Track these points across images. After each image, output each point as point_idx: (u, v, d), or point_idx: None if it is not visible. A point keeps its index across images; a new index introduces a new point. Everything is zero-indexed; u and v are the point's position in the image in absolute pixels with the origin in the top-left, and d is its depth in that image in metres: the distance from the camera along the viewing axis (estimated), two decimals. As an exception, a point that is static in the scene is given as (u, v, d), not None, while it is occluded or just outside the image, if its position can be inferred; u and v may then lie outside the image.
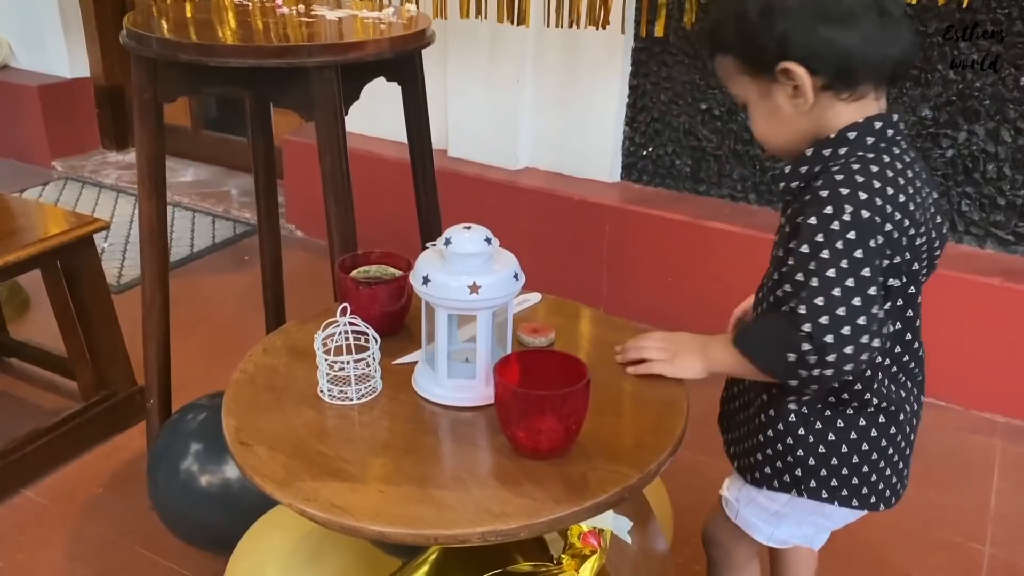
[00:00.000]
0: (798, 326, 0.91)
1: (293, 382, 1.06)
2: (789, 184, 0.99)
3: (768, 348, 0.96)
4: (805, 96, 0.95)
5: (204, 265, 2.74)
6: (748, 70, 0.99)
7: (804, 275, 0.91)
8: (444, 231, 1.01)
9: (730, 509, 1.18)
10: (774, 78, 0.96)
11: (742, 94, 1.02)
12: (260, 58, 1.27)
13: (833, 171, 0.94)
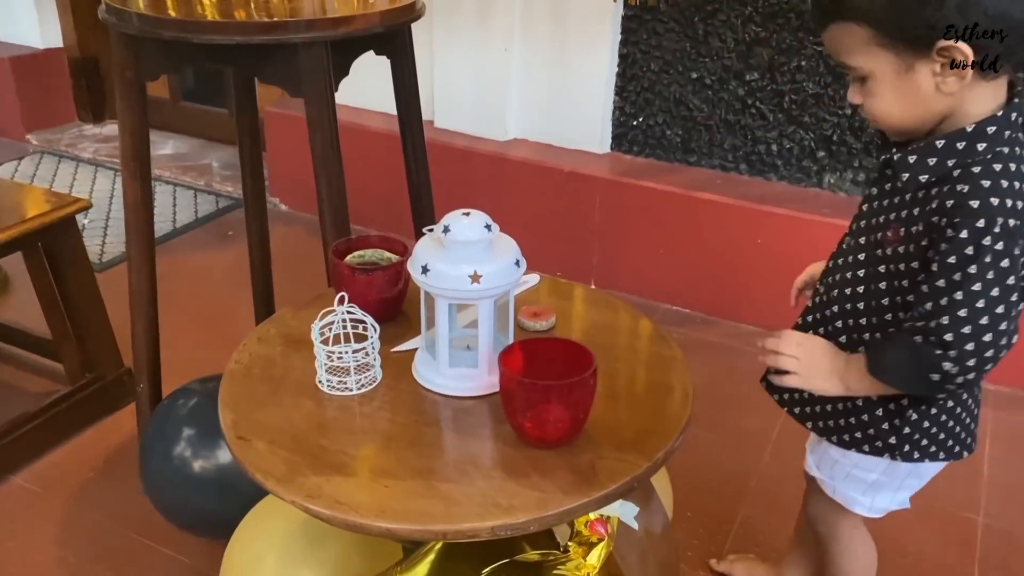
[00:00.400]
0: (939, 346, 0.90)
1: (290, 372, 1.04)
2: (918, 177, 0.93)
3: (910, 374, 0.95)
4: (962, 77, 0.88)
5: (187, 241, 2.70)
6: (889, 42, 0.91)
7: (949, 289, 0.89)
8: (438, 211, 0.98)
9: (826, 487, 1.18)
10: (925, 53, 0.89)
11: (865, 67, 0.93)
12: (247, 35, 1.22)
13: (976, 173, 0.90)
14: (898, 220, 0.97)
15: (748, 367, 2.09)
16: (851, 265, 1.05)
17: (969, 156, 0.91)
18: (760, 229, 2.19)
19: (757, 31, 2.15)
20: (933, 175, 0.92)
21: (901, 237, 0.97)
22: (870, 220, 1.03)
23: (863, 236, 1.04)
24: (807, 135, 2.20)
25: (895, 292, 0.99)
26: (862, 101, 0.96)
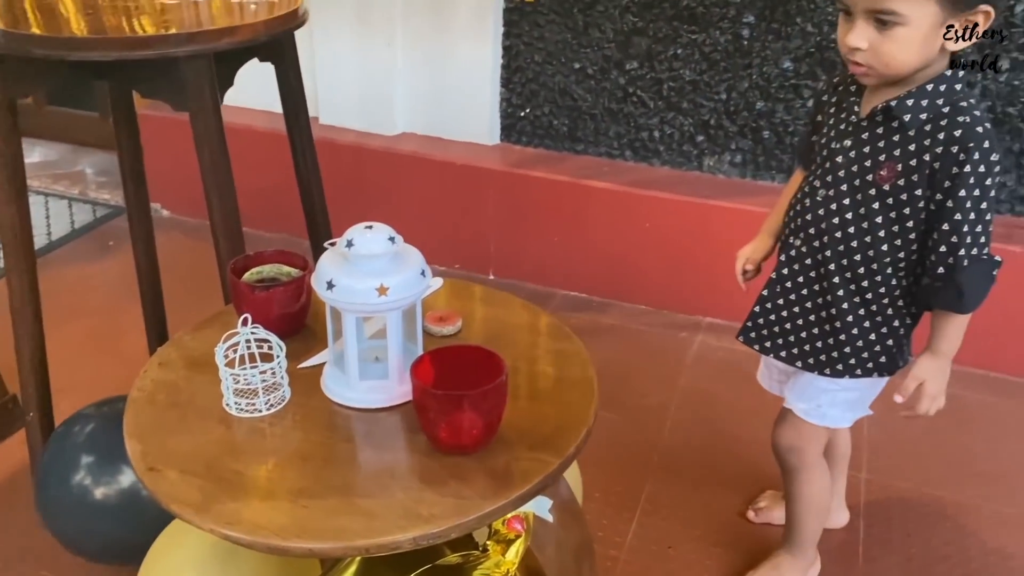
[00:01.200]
0: (994, 262, 1.11)
1: (196, 397, 1.02)
2: (919, 116, 1.09)
3: (984, 294, 1.13)
4: (975, 35, 1.06)
5: (66, 254, 2.57)
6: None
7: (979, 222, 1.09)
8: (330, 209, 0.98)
9: (811, 416, 1.32)
10: (962, 12, 1.04)
11: (910, 14, 1.04)
12: (126, 50, 1.18)
13: (966, 107, 1.08)
14: (891, 159, 1.12)
15: (644, 347, 2.19)
16: (839, 210, 1.18)
17: (952, 96, 1.09)
18: (647, 213, 2.27)
19: (635, 21, 2.22)
20: (930, 113, 1.09)
21: (898, 171, 1.12)
22: (851, 167, 1.16)
23: (846, 183, 1.17)
24: (686, 120, 2.28)
25: (892, 223, 1.15)
26: (868, 45, 1.07)
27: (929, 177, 1.10)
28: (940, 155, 1.09)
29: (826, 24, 2.06)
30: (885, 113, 1.13)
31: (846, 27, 1.10)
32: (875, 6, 1.05)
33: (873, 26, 1.06)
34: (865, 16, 1.06)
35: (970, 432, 1.89)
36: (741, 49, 2.15)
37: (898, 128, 1.12)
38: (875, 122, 1.14)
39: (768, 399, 1.47)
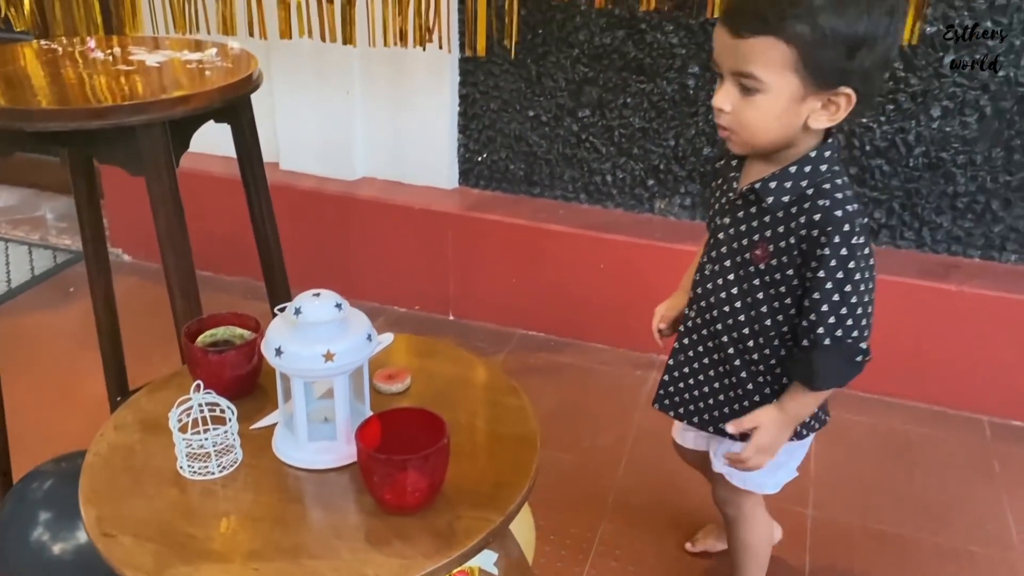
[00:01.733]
0: (856, 339, 1.12)
1: (151, 459, 1.05)
2: (781, 198, 1.13)
3: (845, 372, 1.16)
4: (835, 115, 1.09)
5: (25, 302, 2.58)
6: (803, 70, 1.05)
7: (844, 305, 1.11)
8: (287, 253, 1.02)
9: (735, 479, 1.34)
10: (822, 91, 1.07)
11: (770, 82, 1.06)
12: (82, 120, 1.22)
13: (828, 189, 1.11)
14: (763, 239, 1.16)
15: (600, 386, 2.24)
16: (724, 285, 1.22)
17: (816, 177, 1.12)
18: (601, 254, 2.33)
19: (586, 71, 2.29)
20: (792, 195, 1.12)
21: (769, 252, 1.15)
22: (731, 244, 1.20)
23: (728, 259, 1.21)
24: (637, 165, 2.36)
25: (772, 299, 1.18)
26: (732, 108, 1.10)
27: (799, 257, 1.13)
28: (804, 237, 1.11)
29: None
30: (751, 194, 1.16)
31: (719, 88, 1.13)
32: (738, 68, 1.07)
33: (738, 90, 1.09)
34: (732, 79, 1.09)
35: (914, 466, 1.96)
36: (687, 98, 2.24)
37: (765, 210, 1.15)
38: (748, 201, 1.18)
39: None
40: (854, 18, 1.03)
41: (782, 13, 1.03)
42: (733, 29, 1.07)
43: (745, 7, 1.07)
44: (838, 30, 1.03)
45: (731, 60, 1.08)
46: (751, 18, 1.05)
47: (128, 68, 1.43)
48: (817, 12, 1.02)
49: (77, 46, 1.54)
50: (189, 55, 1.51)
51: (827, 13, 1.02)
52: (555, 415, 2.11)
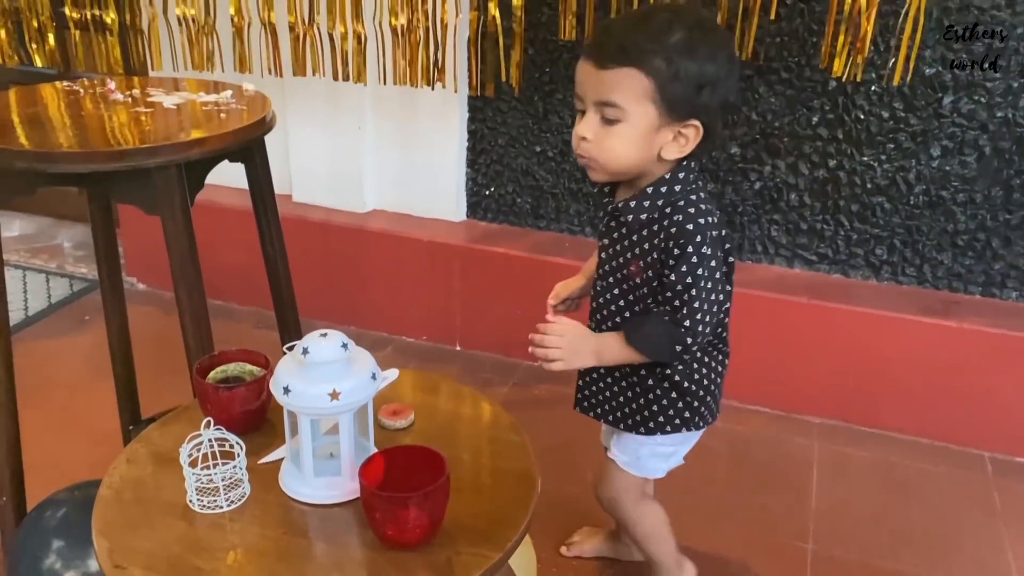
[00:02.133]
0: (683, 326, 1.25)
1: (161, 493, 1.09)
2: (640, 216, 1.25)
3: (660, 344, 1.28)
4: (684, 146, 1.22)
5: (41, 329, 2.63)
6: (660, 102, 1.18)
7: (685, 291, 1.23)
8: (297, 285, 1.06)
9: (633, 467, 1.46)
10: (676, 123, 1.19)
11: (630, 111, 1.18)
12: (100, 163, 1.27)
13: (682, 206, 1.23)
14: (634, 256, 1.28)
15: (603, 420, 2.26)
16: (612, 299, 1.35)
17: (671, 196, 1.24)
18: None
19: (591, 108, 2.34)
20: (651, 214, 1.25)
21: (641, 268, 1.28)
22: (612, 263, 1.33)
23: (611, 276, 1.34)
24: (642, 200, 2.40)
25: (640, 300, 1.30)
26: (593, 136, 1.21)
27: (661, 267, 1.25)
28: (663, 249, 1.24)
29: (769, 113, 2.19)
30: (617, 215, 1.29)
31: (580, 119, 1.24)
32: (601, 98, 1.19)
33: (600, 120, 1.20)
34: (594, 109, 1.20)
35: (914, 502, 1.97)
36: (691, 135, 2.28)
37: (630, 229, 1.28)
38: (618, 222, 1.30)
39: (725, 474, 1.55)
40: (702, 60, 1.17)
41: (642, 48, 1.16)
42: (598, 61, 1.18)
43: (609, 42, 1.18)
44: (689, 69, 1.17)
45: (594, 91, 1.19)
46: (615, 51, 1.17)
47: (146, 110, 1.48)
48: (672, 51, 1.16)
49: (98, 87, 1.59)
50: (205, 97, 1.57)
51: (680, 53, 1.16)
52: (559, 447, 2.13)
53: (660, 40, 1.16)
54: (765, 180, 2.27)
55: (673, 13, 1.20)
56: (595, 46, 1.20)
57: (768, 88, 2.17)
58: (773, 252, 2.34)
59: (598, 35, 1.24)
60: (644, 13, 1.22)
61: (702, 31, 1.20)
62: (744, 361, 2.28)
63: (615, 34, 1.18)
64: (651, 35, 1.17)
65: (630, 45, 1.16)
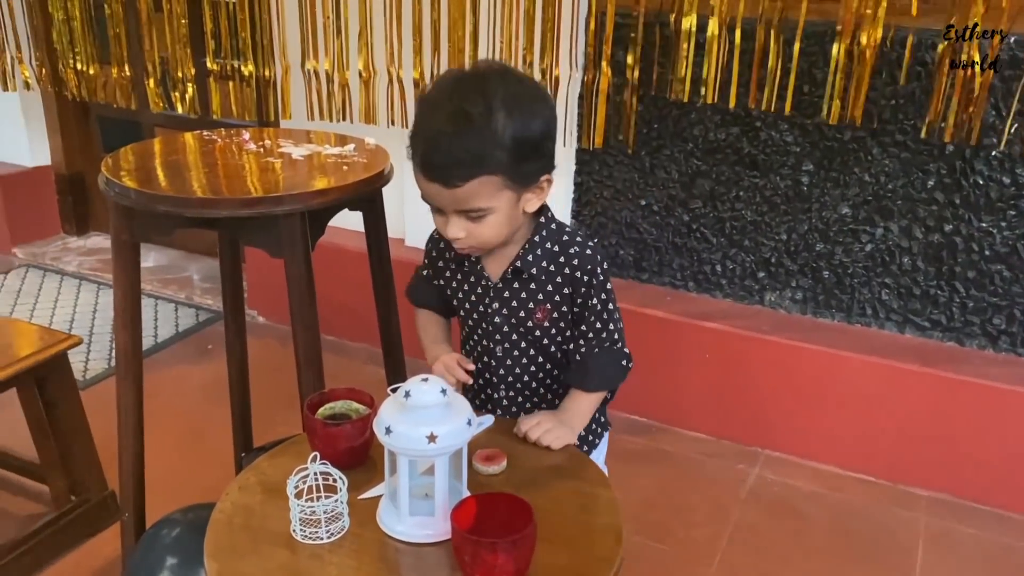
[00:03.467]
0: (616, 344, 1.32)
1: (267, 521, 1.16)
2: (541, 264, 1.30)
3: (615, 375, 1.34)
4: (543, 195, 1.27)
5: (168, 356, 2.81)
6: (512, 184, 1.21)
7: (604, 311, 1.31)
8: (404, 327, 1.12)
9: None
10: (531, 186, 1.24)
11: (493, 206, 1.21)
12: (232, 209, 1.38)
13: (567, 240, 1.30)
14: (538, 303, 1.32)
15: (698, 476, 2.24)
16: (518, 357, 1.37)
17: (557, 236, 1.31)
18: (707, 344, 2.35)
19: (699, 165, 2.36)
20: (547, 258, 1.30)
21: (548, 310, 1.32)
22: (510, 320, 1.34)
23: (512, 335, 1.35)
24: (747, 257, 2.39)
25: (559, 344, 1.35)
26: (467, 234, 1.24)
27: (571, 298, 1.31)
28: (572, 281, 1.29)
29: (883, 175, 2.16)
30: (515, 273, 1.31)
31: (441, 220, 1.26)
32: (462, 208, 1.21)
33: (466, 220, 1.23)
34: (457, 214, 1.23)
35: None
36: (800, 194, 2.26)
37: (529, 279, 1.31)
38: (516, 278, 1.32)
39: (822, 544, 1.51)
40: (529, 120, 1.19)
41: (479, 154, 1.17)
42: (445, 183, 1.19)
43: (447, 162, 1.18)
44: (527, 140, 1.19)
45: (452, 203, 1.22)
46: (456, 169, 1.17)
47: (276, 160, 1.60)
48: (505, 137, 1.16)
49: (234, 137, 1.73)
50: (331, 149, 1.67)
51: (511, 131, 1.17)
52: (649, 502, 2.12)
53: (489, 134, 1.16)
54: (877, 242, 2.22)
55: (480, 92, 1.17)
56: (434, 168, 1.19)
57: (882, 150, 2.14)
58: (884, 316, 2.28)
59: (431, 155, 1.19)
60: (459, 112, 1.17)
61: (512, 93, 1.19)
62: (848, 426, 2.23)
63: (446, 149, 1.17)
64: (478, 134, 1.16)
65: (468, 157, 1.16)
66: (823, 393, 2.25)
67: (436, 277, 1.44)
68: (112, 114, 3.46)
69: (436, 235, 1.42)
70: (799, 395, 2.28)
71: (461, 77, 1.25)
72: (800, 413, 2.29)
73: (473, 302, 1.37)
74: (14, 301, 3.15)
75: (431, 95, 1.25)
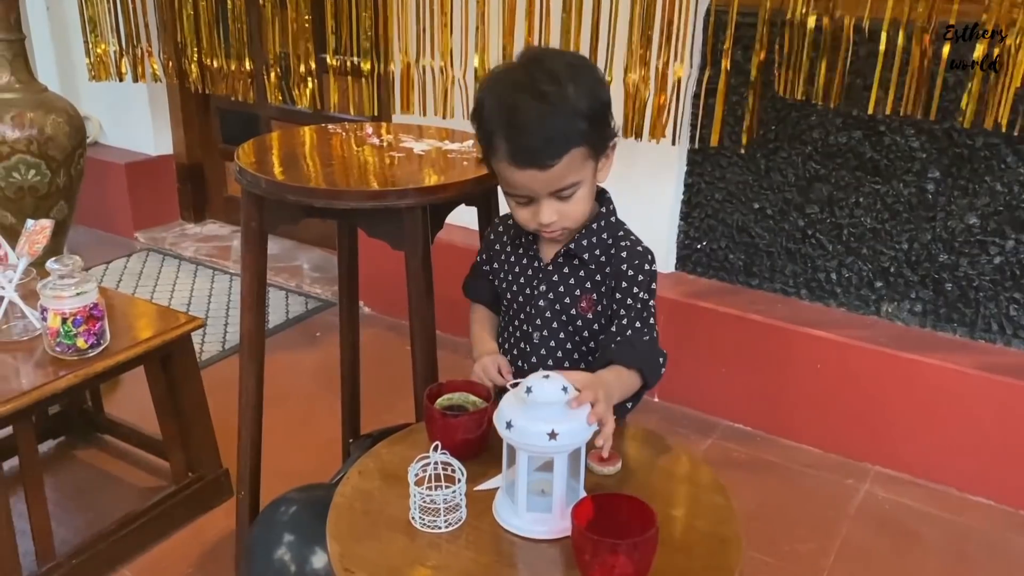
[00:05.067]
0: (662, 352, 1.33)
1: (386, 507, 1.18)
2: (594, 252, 1.31)
3: (654, 367, 1.32)
4: (610, 162, 1.29)
5: (279, 341, 2.90)
6: (594, 153, 1.23)
7: (644, 307, 1.31)
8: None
9: None
10: (605, 152, 1.26)
11: (582, 179, 1.23)
12: (359, 201, 1.42)
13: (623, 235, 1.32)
14: (584, 291, 1.32)
15: (805, 490, 2.18)
16: (556, 347, 1.36)
17: (613, 229, 1.32)
18: (819, 354, 2.28)
19: (817, 169, 2.29)
20: (600, 248, 1.31)
21: (594, 300, 1.32)
22: (552, 309, 1.34)
23: (552, 323, 1.35)
24: (865, 266, 2.31)
25: (586, 344, 1.36)
26: (558, 216, 1.25)
27: (615, 291, 1.31)
28: (616, 275, 1.30)
29: (1016, 184, 2.05)
30: (567, 256, 1.32)
31: (528, 211, 1.26)
32: (556, 187, 1.22)
33: (557, 200, 1.23)
34: (550, 196, 1.23)
35: None
36: (925, 202, 2.17)
37: (580, 264, 1.32)
38: (561, 263, 1.33)
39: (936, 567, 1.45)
40: (596, 88, 1.22)
41: (567, 129, 1.19)
42: (541, 165, 1.20)
43: (538, 144, 1.19)
44: (599, 104, 1.22)
45: (546, 186, 1.22)
46: (549, 148, 1.19)
47: (399, 155, 1.63)
48: (584, 107, 1.19)
49: (357, 131, 1.77)
50: (450, 145, 1.70)
51: (586, 100, 1.19)
52: (752, 513, 2.07)
53: (568, 108, 1.18)
54: (1007, 255, 2.11)
55: (545, 72, 1.19)
56: (527, 153, 1.19)
57: (1017, 158, 2.04)
58: (1011, 333, 2.17)
59: (522, 141, 1.19)
60: (537, 94, 1.18)
61: (568, 64, 1.22)
62: (967, 446, 2.13)
63: (536, 132, 1.18)
64: (560, 110, 1.18)
65: (557, 134, 1.18)
66: (941, 410, 2.15)
67: (491, 262, 1.45)
68: (231, 107, 3.59)
69: (498, 220, 1.46)
70: (915, 411, 2.19)
71: (517, 66, 1.25)
72: (916, 430, 2.20)
73: (521, 284, 1.38)
74: (136, 283, 3.31)
75: (496, 90, 1.24)
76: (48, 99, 2.63)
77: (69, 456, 2.27)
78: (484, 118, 1.23)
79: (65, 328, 1.70)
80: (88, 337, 1.73)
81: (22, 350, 1.77)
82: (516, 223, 1.37)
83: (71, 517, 1.99)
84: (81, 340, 1.72)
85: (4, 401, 1.60)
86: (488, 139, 1.24)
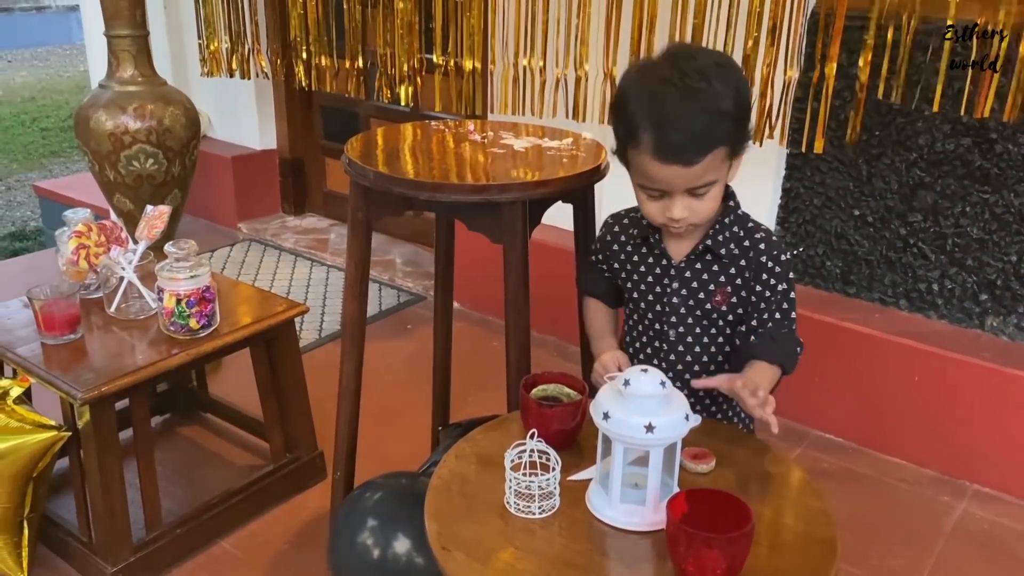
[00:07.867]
0: (799, 340, 1.35)
1: (481, 491, 1.21)
2: (730, 246, 1.32)
3: (793, 359, 1.34)
4: (740, 164, 1.28)
5: (371, 332, 2.94)
6: (732, 153, 1.24)
7: (791, 309, 1.34)
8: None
9: None
10: (741, 152, 1.26)
11: (716, 178, 1.24)
12: (462, 194, 1.46)
13: (752, 227, 1.33)
14: (719, 285, 1.33)
15: (897, 504, 2.12)
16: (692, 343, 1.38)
17: (743, 222, 1.33)
18: (918, 366, 2.22)
19: (922, 176, 2.23)
20: (734, 242, 1.32)
21: (728, 294, 1.33)
22: (688, 302, 1.35)
23: (687, 319, 1.36)
24: (970, 278, 2.23)
25: (722, 336, 1.37)
26: (690, 212, 1.25)
27: (752, 283, 1.32)
28: (754, 267, 1.31)
29: None
30: (704, 252, 1.32)
31: (659, 204, 1.27)
32: (694, 185, 1.23)
33: (690, 197, 1.24)
34: (685, 192, 1.24)
35: None
36: (1037, 213, 2.09)
37: (714, 260, 1.32)
38: (700, 259, 1.34)
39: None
40: (740, 86, 1.22)
41: (713, 127, 1.19)
42: (686, 162, 1.20)
43: (685, 141, 1.19)
44: (743, 103, 1.22)
45: (685, 183, 1.23)
46: (695, 145, 1.19)
47: (500, 151, 1.66)
48: (727, 105, 1.19)
49: (459, 128, 1.81)
50: (550, 142, 1.72)
51: (731, 99, 1.19)
52: (842, 524, 2.01)
53: (715, 106, 1.18)
54: (1126, 270, 2.02)
55: (694, 68, 1.19)
56: (673, 149, 1.20)
57: None
58: None
59: (669, 136, 1.19)
60: (687, 90, 1.18)
61: (713, 62, 1.22)
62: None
63: (685, 128, 1.19)
64: (707, 108, 1.18)
65: (704, 132, 1.19)
66: (1048, 430, 2.07)
67: (609, 261, 1.45)
68: (332, 103, 3.71)
69: (611, 219, 1.46)
70: (1019, 429, 2.11)
71: (663, 61, 1.25)
72: (1019, 449, 2.12)
73: (650, 283, 1.39)
74: (239, 271, 3.45)
75: (644, 83, 1.23)
76: (167, 92, 2.78)
77: (173, 433, 2.39)
78: (629, 111, 1.23)
79: (179, 309, 1.79)
80: (200, 318, 1.82)
81: (138, 328, 1.88)
82: (632, 221, 1.39)
83: (175, 490, 2.10)
84: (193, 320, 1.81)
85: (122, 375, 1.70)
86: (632, 131, 1.23)
